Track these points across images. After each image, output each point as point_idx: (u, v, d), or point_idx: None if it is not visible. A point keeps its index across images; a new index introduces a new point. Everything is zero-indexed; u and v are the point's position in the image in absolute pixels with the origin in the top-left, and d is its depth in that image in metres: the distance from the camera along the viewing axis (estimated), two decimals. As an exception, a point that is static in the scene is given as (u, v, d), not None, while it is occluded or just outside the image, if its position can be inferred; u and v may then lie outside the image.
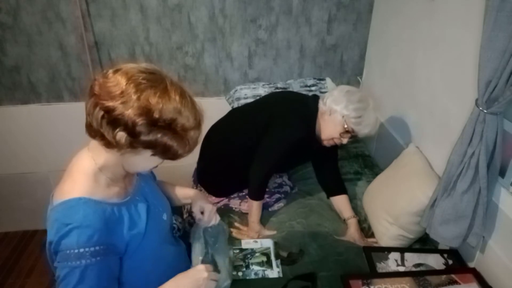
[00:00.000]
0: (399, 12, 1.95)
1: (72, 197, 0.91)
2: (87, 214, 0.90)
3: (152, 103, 0.87)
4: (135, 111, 0.86)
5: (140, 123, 0.87)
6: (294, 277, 1.46)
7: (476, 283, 1.35)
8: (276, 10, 2.18)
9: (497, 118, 1.21)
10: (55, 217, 0.90)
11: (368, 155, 2.28)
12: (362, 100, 1.61)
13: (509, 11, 1.06)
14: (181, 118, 0.91)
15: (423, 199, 1.51)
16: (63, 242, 0.88)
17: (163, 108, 0.88)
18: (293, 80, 2.38)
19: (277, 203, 1.88)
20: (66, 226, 0.88)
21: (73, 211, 0.90)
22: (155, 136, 0.90)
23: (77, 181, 0.95)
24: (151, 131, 0.89)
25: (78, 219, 0.88)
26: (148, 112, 0.87)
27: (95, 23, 2.11)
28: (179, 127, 0.91)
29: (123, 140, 0.90)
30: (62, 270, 0.89)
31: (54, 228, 0.89)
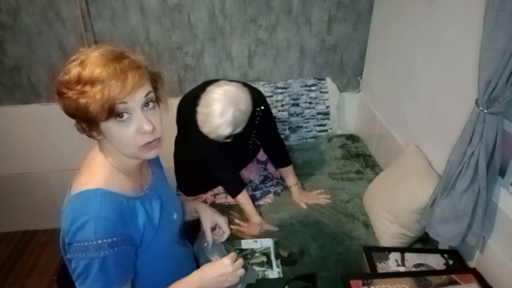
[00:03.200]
0: (399, 12, 1.95)
1: (90, 188, 0.91)
2: (104, 205, 0.89)
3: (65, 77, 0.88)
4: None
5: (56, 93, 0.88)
6: (295, 277, 1.46)
7: (476, 283, 1.35)
8: (276, 10, 2.18)
9: (497, 118, 1.21)
10: (71, 207, 0.90)
11: (368, 154, 2.29)
12: (208, 104, 1.51)
13: (509, 11, 1.06)
14: (79, 71, 0.86)
15: (423, 197, 1.51)
16: (79, 233, 0.87)
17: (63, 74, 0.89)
18: (293, 80, 2.38)
19: (264, 197, 1.92)
20: (82, 217, 0.87)
21: (91, 202, 0.89)
22: (69, 101, 0.86)
23: (94, 173, 0.95)
24: (63, 99, 0.87)
25: (95, 210, 0.88)
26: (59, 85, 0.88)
27: (95, 23, 2.11)
28: (80, 81, 0.86)
29: (79, 125, 0.92)
30: (79, 262, 0.88)
31: (70, 218, 0.88)
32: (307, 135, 2.43)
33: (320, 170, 2.16)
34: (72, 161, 2.35)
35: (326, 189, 1.99)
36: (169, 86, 2.33)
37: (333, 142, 2.39)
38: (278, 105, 2.34)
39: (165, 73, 2.27)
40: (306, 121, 2.41)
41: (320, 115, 2.41)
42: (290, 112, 2.36)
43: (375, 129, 2.27)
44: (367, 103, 2.39)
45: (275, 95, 2.33)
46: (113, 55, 0.87)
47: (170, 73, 2.29)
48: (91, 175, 0.95)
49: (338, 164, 2.20)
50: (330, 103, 2.41)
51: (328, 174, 2.12)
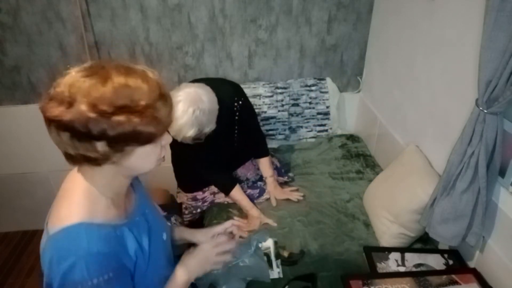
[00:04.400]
0: (399, 12, 1.95)
1: (71, 224, 0.81)
2: (92, 240, 0.81)
3: (95, 95, 0.77)
4: (86, 111, 0.76)
5: (93, 119, 0.76)
6: (295, 277, 1.46)
7: (476, 283, 1.35)
8: (276, 10, 2.18)
9: (497, 118, 1.21)
10: (54, 249, 0.80)
11: (369, 154, 2.29)
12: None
13: (509, 11, 1.06)
14: (135, 96, 0.79)
15: (423, 197, 1.51)
16: (70, 277, 0.78)
17: (108, 96, 0.77)
18: (294, 80, 2.38)
19: (261, 196, 1.93)
20: (70, 258, 0.78)
21: (76, 240, 0.80)
22: (121, 127, 0.78)
23: (74, 204, 0.85)
24: (113, 124, 0.77)
25: (83, 247, 0.79)
26: (94, 106, 0.76)
27: (95, 23, 2.10)
28: (139, 106, 0.79)
29: (107, 149, 0.80)
30: None
31: (55, 261, 0.79)
32: (307, 135, 2.43)
33: (320, 170, 2.16)
34: (72, 161, 2.37)
35: (327, 189, 2.00)
36: (169, 86, 2.31)
37: (333, 142, 2.39)
38: (278, 105, 2.34)
39: (165, 73, 2.28)
40: (306, 121, 2.41)
41: (320, 115, 2.41)
42: (290, 112, 2.36)
43: (375, 129, 2.27)
44: (367, 103, 2.39)
45: (275, 95, 2.33)
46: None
47: (170, 73, 2.29)
48: (70, 208, 0.85)
49: (338, 164, 2.20)
50: (330, 103, 2.40)
51: (328, 174, 2.12)
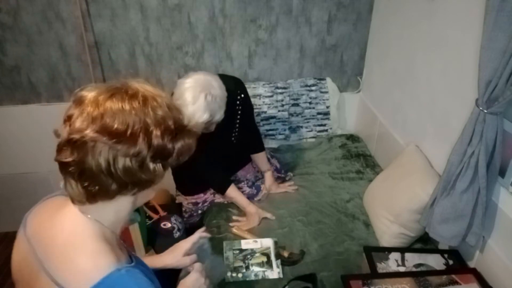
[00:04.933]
0: (399, 12, 1.95)
1: (109, 273, 0.72)
2: (139, 281, 0.75)
3: (160, 115, 0.73)
4: (160, 129, 0.72)
5: (167, 138, 0.73)
6: (295, 277, 1.46)
7: (476, 283, 1.35)
8: (276, 10, 2.18)
9: (497, 118, 1.21)
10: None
11: (369, 154, 2.29)
12: (180, 95, 1.48)
13: (509, 11, 1.06)
14: (175, 113, 0.78)
15: (423, 196, 1.51)
16: None
17: (167, 109, 0.75)
18: (294, 79, 2.38)
19: (261, 193, 1.94)
20: None
21: (122, 286, 0.73)
22: (182, 142, 0.77)
23: (96, 251, 0.74)
24: (176, 140, 0.76)
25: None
26: (166, 127, 0.73)
27: (95, 23, 2.10)
28: (183, 123, 0.79)
29: (161, 168, 0.76)
30: None
31: None
32: (307, 135, 2.43)
33: (321, 169, 2.16)
34: (72, 161, 2.36)
35: (327, 188, 2.00)
36: (169, 86, 2.33)
37: (333, 142, 2.39)
38: (278, 105, 2.34)
39: (165, 73, 2.28)
40: (306, 121, 2.41)
41: (320, 115, 2.41)
42: (290, 112, 2.36)
43: (375, 129, 2.27)
44: (367, 103, 2.39)
45: (275, 95, 2.33)
46: None
47: (170, 73, 2.29)
48: (94, 256, 0.74)
49: (338, 164, 2.20)
50: (330, 103, 2.40)
51: (329, 173, 2.12)
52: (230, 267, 1.55)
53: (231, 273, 1.52)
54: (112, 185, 0.72)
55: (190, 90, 1.46)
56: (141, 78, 0.79)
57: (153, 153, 0.73)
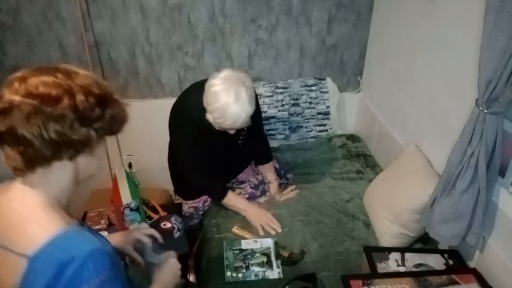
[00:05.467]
0: (399, 12, 1.95)
1: (57, 233, 0.76)
2: (87, 239, 0.79)
3: (84, 83, 0.80)
4: (84, 94, 0.78)
5: (93, 103, 0.79)
6: (295, 277, 1.46)
7: (476, 283, 1.35)
8: (276, 10, 2.18)
9: (497, 118, 1.21)
10: (51, 262, 0.74)
11: (369, 154, 2.29)
12: (217, 98, 1.44)
13: (509, 11, 1.06)
14: (102, 85, 0.84)
15: (423, 196, 1.51)
16: (77, 282, 0.74)
17: (91, 81, 0.82)
18: (294, 79, 2.38)
19: (263, 196, 1.94)
20: (76, 261, 0.74)
21: (72, 243, 0.76)
22: (111, 111, 0.83)
23: (43, 218, 0.79)
24: (104, 107, 0.82)
25: (83, 247, 0.76)
26: (89, 91, 0.79)
27: (95, 23, 2.10)
28: (111, 93, 0.85)
29: (93, 134, 0.81)
30: None
31: (53, 271, 0.73)
32: (307, 135, 2.43)
33: (321, 169, 2.16)
34: (72, 161, 2.36)
35: (327, 189, 1.99)
36: (169, 86, 2.33)
37: (333, 142, 2.39)
38: (278, 105, 2.34)
39: (165, 73, 2.28)
40: (306, 121, 2.41)
41: (320, 115, 2.41)
42: (290, 112, 2.36)
43: (375, 129, 2.27)
44: (367, 103, 2.39)
45: (275, 95, 2.33)
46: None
47: (170, 73, 2.29)
48: (42, 223, 0.78)
49: (338, 164, 2.20)
50: (330, 103, 2.40)
51: (329, 173, 2.12)
52: (230, 267, 1.55)
53: (231, 273, 1.53)
54: (46, 148, 0.76)
55: (227, 89, 1.42)
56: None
57: (80, 116, 0.77)
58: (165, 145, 1.86)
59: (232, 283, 1.50)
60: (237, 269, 1.54)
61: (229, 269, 1.54)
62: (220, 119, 1.46)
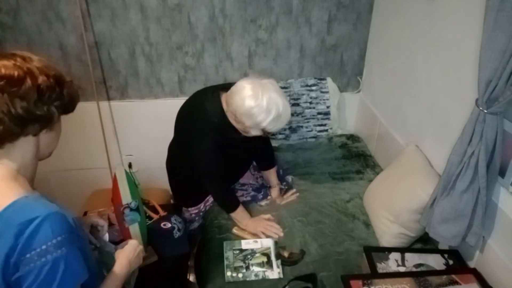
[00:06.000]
0: (399, 12, 1.95)
1: (16, 199, 0.83)
2: (46, 204, 0.85)
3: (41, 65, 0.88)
4: (44, 75, 0.87)
5: (52, 83, 0.88)
6: (295, 277, 1.46)
7: (476, 283, 1.35)
8: (276, 10, 2.18)
9: (497, 118, 1.21)
10: (9, 223, 0.80)
11: (369, 154, 2.29)
12: (273, 104, 1.51)
13: (509, 11, 1.06)
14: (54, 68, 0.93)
15: (423, 196, 1.51)
16: (34, 240, 0.80)
17: (45, 64, 0.90)
18: (294, 79, 2.38)
19: (265, 198, 1.93)
20: (31, 223, 0.80)
21: (30, 207, 0.83)
22: (68, 89, 0.93)
23: (5, 186, 0.86)
24: (62, 86, 0.91)
25: (42, 210, 0.82)
26: (47, 73, 0.88)
27: (95, 23, 2.10)
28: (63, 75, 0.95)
29: (54, 110, 0.90)
30: (41, 270, 0.80)
31: (13, 233, 0.79)
32: (307, 134, 2.43)
33: (321, 169, 2.16)
34: (72, 161, 2.36)
35: (327, 189, 1.99)
36: (169, 86, 2.33)
37: (333, 142, 2.39)
38: (278, 105, 2.34)
39: (165, 73, 2.28)
40: (307, 121, 2.41)
41: (320, 115, 2.41)
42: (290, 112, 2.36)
43: (375, 129, 2.27)
44: (367, 103, 2.39)
45: (275, 95, 2.33)
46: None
47: (170, 73, 2.29)
48: (2, 190, 0.85)
49: (338, 164, 2.20)
50: (331, 103, 2.40)
51: (329, 173, 2.12)
52: (231, 267, 1.55)
53: (231, 273, 1.53)
54: (14, 125, 0.84)
55: (266, 94, 1.48)
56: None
57: (43, 94, 0.86)
58: (165, 145, 1.86)
59: (232, 283, 1.50)
60: (237, 269, 1.54)
61: (229, 269, 1.54)
62: (274, 128, 1.55)
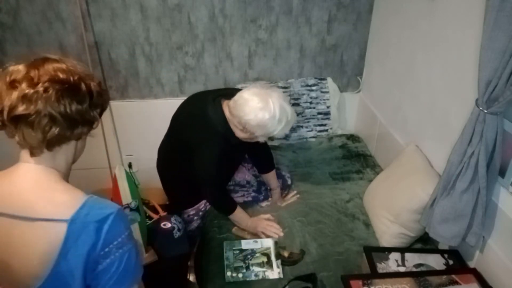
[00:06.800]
0: (399, 12, 1.95)
1: (86, 199, 0.86)
2: (109, 201, 0.89)
3: (84, 71, 0.91)
4: (92, 81, 0.90)
5: (98, 89, 0.91)
6: (295, 277, 1.46)
7: (476, 283, 1.35)
8: (276, 10, 2.18)
9: (497, 118, 1.21)
10: (86, 222, 0.83)
11: (369, 154, 2.29)
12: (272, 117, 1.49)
13: (509, 11, 1.06)
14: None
15: (423, 196, 1.51)
16: (112, 235, 0.84)
17: (86, 70, 0.92)
18: (294, 79, 2.38)
19: (266, 200, 1.94)
20: (108, 219, 0.84)
21: (101, 205, 0.86)
22: (106, 95, 0.95)
23: (66, 188, 0.88)
24: (103, 94, 0.93)
25: (112, 207, 0.86)
26: (93, 78, 0.91)
27: (95, 23, 2.10)
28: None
29: (97, 116, 0.92)
30: (121, 259, 0.85)
31: (93, 230, 0.82)
32: (308, 134, 2.43)
33: (321, 169, 2.16)
34: (72, 161, 2.36)
35: (327, 189, 2.00)
36: (169, 86, 2.33)
37: (333, 142, 2.39)
38: (278, 105, 2.33)
39: (165, 73, 2.28)
40: (307, 121, 2.41)
41: (320, 115, 2.41)
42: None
43: (375, 129, 2.27)
44: (367, 103, 2.39)
45: (275, 95, 2.33)
46: None
47: (170, 73, 2.29)
48: (68, 192, 0.87)
49: (338, 164, 2.20)
50: (331, 103, 2.40)
51: (329, 173, 2.12)
52: (231, 267, 1.55)
53: (231, 273, 1.53)
54: (67, 128, 0.86)
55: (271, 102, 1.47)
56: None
57: (92, 99, 0.89)
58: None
59: (232, 283, 1.50)
60: (237, 269, 1.54)
61: (229, 269, 1.54)
62: (281, 131, 1.54)
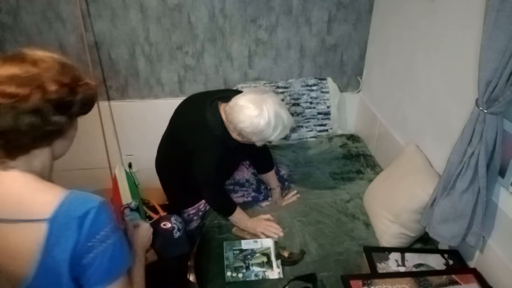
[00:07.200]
0: (399, 12, 1.95)
1: (66, 195, 0.83)
2: (91, 195, 0.87)
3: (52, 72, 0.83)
4: (55, 85, 0.82)
5: (64, 92, 0.83)
6: (295, 277, 1.46)
7: (476, 283, 1.35)
8: (276, 10, 2.18)
9: (497, 118, 1.21)
10: (68, 218, 0.81)
11: (369, 154, 2.29)
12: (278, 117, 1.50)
13: (509, 11, 1.06)
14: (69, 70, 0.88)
15: (423, 196, 1.51)
16: (95, 229, 0.83)
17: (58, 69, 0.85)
18: (294, 79, 2.38)
19: (266, 200, 1.93)
20: (89, 213, 0.82)
21: (81, 200, 0.84)
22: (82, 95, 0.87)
23: (46, 186, 0.86)
24: (75, 93, 0.86)
25: (93, 201, 0.84)
26: (59, 81, 0.83)
27: (95, 23, 2.10)
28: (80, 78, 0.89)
29: (66, 119, 0.86)
30: (104, 253, 0.84)
31: (75, 227, 0.81)
32: (308, 134, 2.43)
33: (321, 169, 2.16)
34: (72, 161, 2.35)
35: (327, 189, 2.00)
36: (169, 86, 2.33)
37: (333, 142, 2.39)
38: (278, 105, 2.33)
39: (165, 73, 2.28)
40: (307, 121, 2.41)
41: (320, 115, 2.41)
42: (290, 111, 2.36)
43: (375, 129, 2.27)
44: (367, 103, 2.39)
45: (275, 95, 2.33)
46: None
47: (170, 73, 2.29)
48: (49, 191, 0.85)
49: (338, 164, 2.20)
50: (331, 103, 2.40)
51: (329, 173, 2.12)
52: (231, 267, 1.55)
53: (231, 273, 1.53)
54: (23, 140, 0.82)
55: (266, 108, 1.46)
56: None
57: (53, 107, 0.82)
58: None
59: (232, 283, 1.50)
60: (237, 269, 1.54)
61: (229, 269, 1.54)
62: (279, 135, 1.53)
